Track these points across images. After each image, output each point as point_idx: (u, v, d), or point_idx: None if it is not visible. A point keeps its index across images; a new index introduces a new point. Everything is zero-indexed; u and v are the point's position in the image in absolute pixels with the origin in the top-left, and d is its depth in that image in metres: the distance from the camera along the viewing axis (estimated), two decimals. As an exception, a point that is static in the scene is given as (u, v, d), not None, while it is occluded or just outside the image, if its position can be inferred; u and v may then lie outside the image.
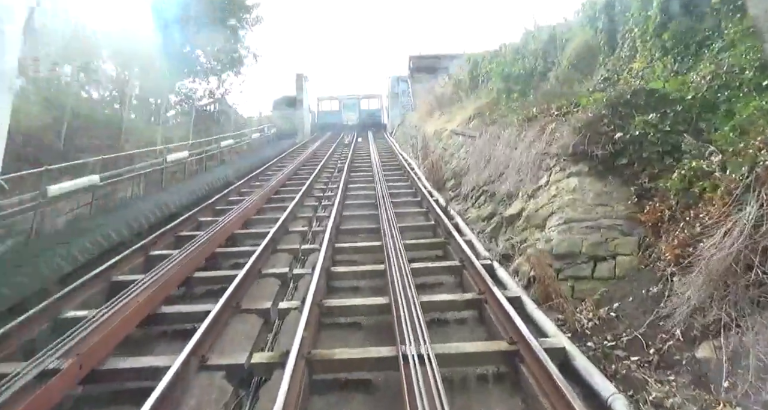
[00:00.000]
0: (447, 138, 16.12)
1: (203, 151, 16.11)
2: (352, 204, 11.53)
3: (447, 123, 18.14)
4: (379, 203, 10.23)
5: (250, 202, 11.10)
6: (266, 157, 20.83)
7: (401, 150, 22.06)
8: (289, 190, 13.58)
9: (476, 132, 12.42)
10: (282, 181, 15.05)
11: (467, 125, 15.42)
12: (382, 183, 13.03)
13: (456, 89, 22.68)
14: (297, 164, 18.34)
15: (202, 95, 30.60)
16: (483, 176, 9.86)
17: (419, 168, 16.65)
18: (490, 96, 15.99)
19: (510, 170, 8.30)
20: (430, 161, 15.36)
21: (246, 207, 10.57)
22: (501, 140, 9.64)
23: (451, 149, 14.81)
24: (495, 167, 9.34)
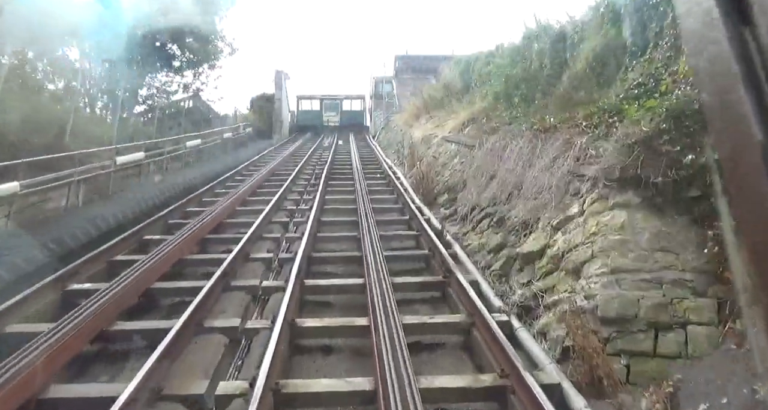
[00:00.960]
0: (437, 145, 14.58)
1: (164, 152, 14.27)
2: (329, 222, 9.89)
3: (437, 128, 16.60)
4: (362, 223, 8.62)
5: (211, 215, 9.40)
6: (238, 160, 19.03)
7: (385, 156, 20.46)
8: (259, 200, 11.90)
9: (473, 141, 10.88)
10: (253, 187, 13.37)
11: (461, 131, 13.89)
12: (365, 195, 11.41)
13: (446, 92, 21.16)
14: (270, 170, 16.61)
15: (176, 89, 28.77)
16: (485, 194, 8.31)
17: (406, 178, 15.06)
18: (486, 101, 14.49)
19: (524, 192, 6.76)
20: (419, 171, 13.77)
21: (204, 223, 8.88)
22: (509, 152, 8.10)
23: (443, 158, 13.27)
24: (501, 186, 7.79)
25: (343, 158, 20.67)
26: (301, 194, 12.76)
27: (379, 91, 35.49)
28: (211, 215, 9.37)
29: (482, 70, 18.36)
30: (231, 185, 13.65)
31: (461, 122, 14.28)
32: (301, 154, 22.02)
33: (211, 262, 7.14)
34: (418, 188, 13.06)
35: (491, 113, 13.63)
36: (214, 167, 15.88)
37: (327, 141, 29.00)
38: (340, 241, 8.61)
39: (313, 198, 11.03)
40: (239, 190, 12.28)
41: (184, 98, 29.95)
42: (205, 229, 8.87)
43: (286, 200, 11.85)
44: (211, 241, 8.70)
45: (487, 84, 17.59)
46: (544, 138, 7.20)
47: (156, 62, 26.53)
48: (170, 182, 12.47)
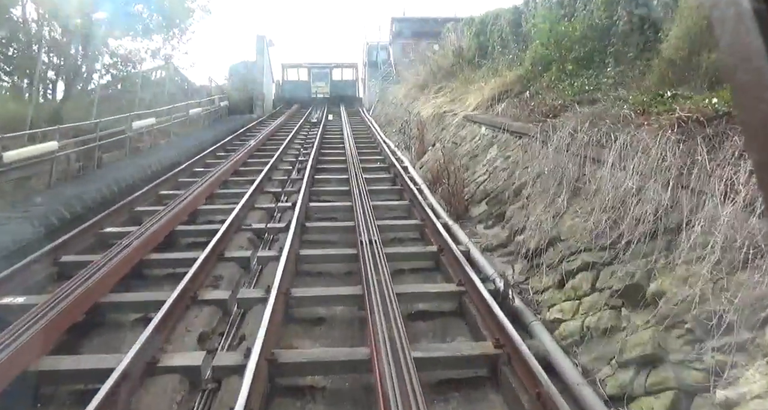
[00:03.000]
0: (458, 127, 11.17)
1: (96, 137, 10.71)
2: (311, 271, 6.55)
3: (452, 104, 13.14)
4: (365, 273, 5.25)
5: (151, 229, 6.15)
6: (205, 142, 15.50)
7: (384, 136, 16.99)
8: (221, 207, 8.59)
9: (524, 126, 7.49)
10: (220, 179, 10.08)
11: (490, 108, 10.49)
12: (365, 201, 8.10)
13: (456, 59, 17.58)
14: (244, 155, 13.14)
15: (143, 57, 24.80)
16: (574, 222, 5.02)
17: (415, 168, 11.70)
18: (521, 67, 11.02)
19: (692, 240, 3.44)
20: (436, 163, 10.40)
21: (146, 238, 5.68)
22: (617, 153, 4.75)
23: (469, 145, 9.88)
24: (613, 212, 4.49)
25: (333, 139, 17.16)
26: (275, 199, 9.39)
27: (373, 59, 31.66)
28: (148, 233, 6.04)
29: (504, 30, 14.84)
30: (193, 179, 10.22)
31: (489, 97, 10.85)
32: (284, 132, 18.45)
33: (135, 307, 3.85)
34: (435, 186, 9.74)
35: (528, 83, 10.27)
36: (167, 155, 12.36)
37: (315, 115, 25.36)
38: (328, 304, 5.26)
39: (290, 216, 7.61)
40: (200, 186, 8.88)
41: (155, 68, 26.12)
42: (145, 250, 5.64)
43: (247, 216, 8.47)
44: (149, 265, 5.47)
45: (511, 47, 14.18)
46: (713, 136, 3.84)
47: (121, 24, 22.67)
48: (98, 180, 8.97)
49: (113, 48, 23.39)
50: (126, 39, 23.62)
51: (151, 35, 24.16)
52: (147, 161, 11.32)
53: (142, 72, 25.28)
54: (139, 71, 25.03)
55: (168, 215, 7.35)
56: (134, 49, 24.21)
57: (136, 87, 24.19)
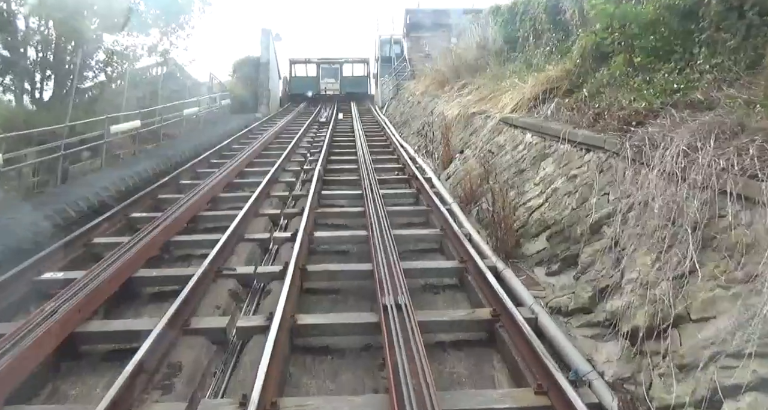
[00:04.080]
0: (492, 132, 9.33)
1: (61, 146, 8.97)
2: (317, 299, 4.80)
3: (482, 103, 11.29)
4: (395, 374, 3.45)
5: (104, 276, 4.49)
6: (199, 146, 13.77)
7: (401, 138, 15.17)
8: (201, 239, 6.88)
9: (597, 137, 5.64)
10: (209, 195, 8.40)
11: (533, 110, 8.66)
12: (384, 230, 6.33)
13: (481, 52, 15.73)
14: (241, 163, 11.41)
15: (141, 54, 23.01)
16: (735, 299, 3.20)
17: (440, 179, 9.92)
18: (569, 61, 9.15)
19: None
20: (467, 176, 8.61)
21: (92, 293, 4.08)
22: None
23: (510, 154, 8.05)
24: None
25: (344, 142, 15.35)
26: (272, 225, 7.64)
27: (386, 54, 29.77)
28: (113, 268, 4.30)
29: (539, 18, 12.96)
30: (163, 202, 8.51)
31: (531, 96, 9.00)
32: (289, 135, 16.66)
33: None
34: (469, 205, 7.97)
35: (579, 79, 8.47)
36: (150, 165, 10.61)
37: (324, 114, 23.54)
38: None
39: (289, 255, 5.79)
40: (161, 222, 7.13)
41: (154, 64, 24.42)
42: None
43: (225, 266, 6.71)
44: (114, 311, 3.65)
45: (548, 37, 12.33)
46: None
47: (115, 18, 20.97)
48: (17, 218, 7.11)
49: (109, 44, 21.73)
50: (121, 34, 21.99)
51: (148, 30, 22.47)
52: (123, 172, 9.61)
53: (140, 69, 23.62)
54: (138, 68, 23.38)
55: (132, 252, 5.63)
56: (130, 45, 22.54)
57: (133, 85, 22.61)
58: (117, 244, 5.92)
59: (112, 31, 21.54)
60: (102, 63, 21.90)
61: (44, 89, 19.69)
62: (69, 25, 18.94)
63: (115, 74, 22.65)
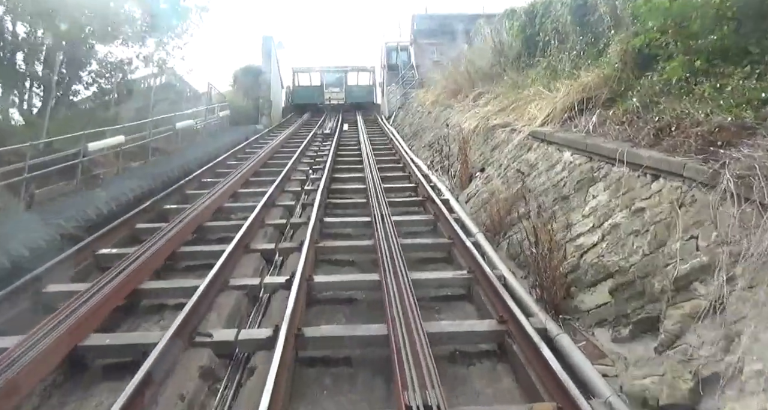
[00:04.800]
0: (520, 148, 8.12)
1: (25, 168, 7.80)
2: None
3: (503, 114, 10.08)
4: None
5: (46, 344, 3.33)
6: (191, 162, 12.61)
7: (411, 152, 13.98)
8: (175, 286, 5.70)
9: (685, 164, 4.38)
10: (195, 223, 7.24)
11: (568, 123, 7.45)
12: (400, 273, 5.19)
13: (497, 58, 14.57)
14: (235, 182, 10.25)
15: (136, 65, 21.91)
16: None
17: (458, 201, 8.72)
18: (608, 66, 7.93)
19: None
20: (493, 197, 7.41)
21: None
22: None
23: (545, 176, 6.82)
24: None
25: (349, 157, 14.17)
26: (264, 261, 6.42)
27: (393, 61, 28.67)
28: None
29: (562, 20, 11.77)
30: (142, 233, 7.36)
31: (565, 106, 7.81)
32: (287, 151, 15.45)
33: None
34: (497, 236, 6.77)
35: (627, 87, 7.30)
36: (132, 187, 9.44)
37: (329, 125, 22.39)
38: None
39: (283, 309, 4.59)
40: (132, 263, 5.95)
41: (151, 74, 23.37)
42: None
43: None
44: None
45: (574, 40, 11.16)
46: None
47: (109, 26, 19.97)
48: None
49: (103, 55, 20.67)
50: (115, 43, 20.96)
51: (144, 39, 21.42)
52: (99, 196, 8.44)
53: (136, 79, 22.57)
54: (135, 79, 22.31)
55: (94, 300, 4.49)
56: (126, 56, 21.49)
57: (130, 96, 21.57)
58: (75, 294, 4.75)
59: (105, 41, 20.58)
60: (95, 74, 20.91)
61: (33, 102, 18.69)
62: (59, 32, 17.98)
63: (110, 86, 21.65)
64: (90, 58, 20.19)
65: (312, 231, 6.68)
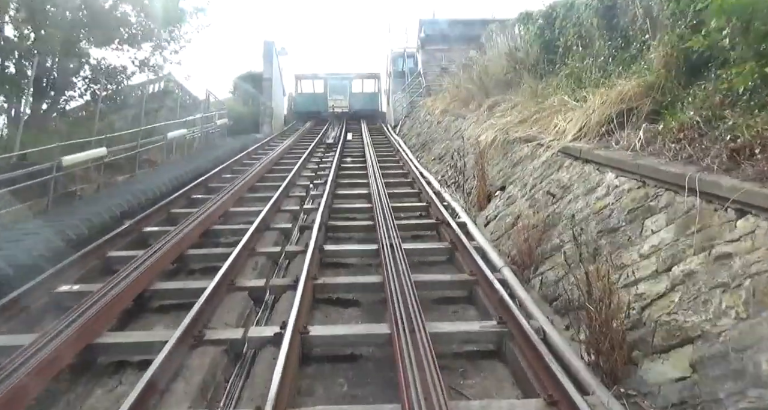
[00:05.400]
0: (549, 165, 7.11)
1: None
2: None
3: (525, 126, 9.08)
4: None
5: None
6: (183, 175, 11.67)
7: (420, 165, 13.00)
8: (140, 341, 4.71)
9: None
10: (178, 248, 6.30)
11: (606, 138, 6.47)
12: (416, 322, 4.21)
13: (511, 65, 13.60)
14: (229, 199, 9.28)
15: (132, 71, 20.98)
16: None
17: (476, 224, 7.71)
18: (652, 74, 6.94)
19: None
20: (518, 222, 6.41)
21: None
22: None
23: (582, 201, 5.81)
24: None
25: (354, 169, 13.20)
26: (251, 302, 5.39)
27: (399, 68, 27.79)
28: None
29: (587, 23, 10.80)
30: (116, 262, 6.38)
31: (601, 119, 6.81)
32: (287, 163, 14.46)
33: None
34: (527, 270, 5.76)
35: (675, 97, 6.34)
36: (113, 205, 8.47)
37: (332, 134, 21.45)
38: None
39: (270, 373, 3.60)
40: (88, 310, 4.97)
41: (148, 81, 22.48)
42: None
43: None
44: None
45: (600, 45, 10.22)
46: None
47: (103, 30, 19.12)
48: None
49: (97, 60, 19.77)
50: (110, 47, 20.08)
51: (140, 43, 20.53)
52: (70, 219, 7.46)
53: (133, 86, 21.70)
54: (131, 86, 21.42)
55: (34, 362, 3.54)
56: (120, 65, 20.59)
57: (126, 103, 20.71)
58: (14, 348, 3.77)
59: (99, 45, 19.73)
60: (89, 80, 20.03)
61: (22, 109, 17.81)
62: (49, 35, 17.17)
63: (105, 93, 20.79)
64: (83, 63, 19.38)
65: (310, 263, 5.70)
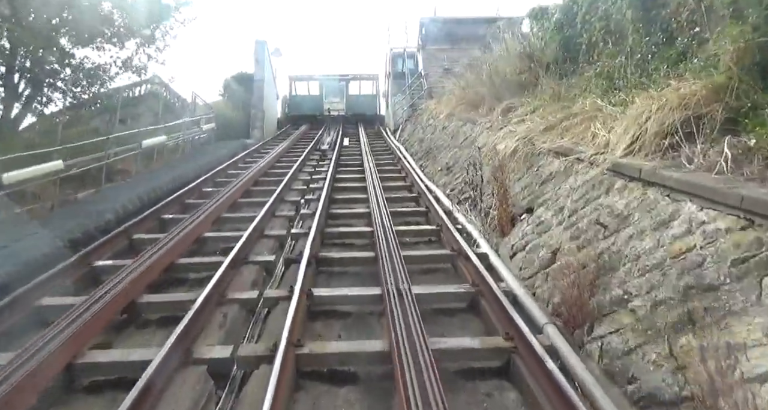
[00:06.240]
0: (592, 186, 5.73)
1: None
2: None
3: (553, 134, 7.68)
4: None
5: None
6: (157, 189, 10.27)
7: (424, 176, 11.63)
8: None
9: None
10: (135, 289, 4.88)
11: (670, 153, 5.09)
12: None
13: (525, 65, 12.23)
14: (205, 219, 7.89)
15: (115, 72, 19.53)
16: None
17: (499, 255, 6.33)
18: (721, 74, 5.59)
19: None
20: (561, 258, 5.00)
21: None
22: None
23: (649, 239, 4.44)
24: None
25: (351, 181, 11.80)
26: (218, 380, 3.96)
27: (399, 69, 26.42)
28: None
29: (617, 15, 9.48)
30: (48, 311, 5.00)
31: (661, 129, 5.43)
32: (276, 174, 13.02)
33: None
34: (574, 326, 4.36)
35: (756, 102, 4.96)
36: (64, 230, 7.04)
37: (327, 140, 20.04)
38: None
39: None
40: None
41: (132, 83, 21.08)
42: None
43: None
44: None
45: (633, 40, 8.93)
46: None
47: (84, 28, 17.75)
48: None
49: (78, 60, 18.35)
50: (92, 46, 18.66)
51: (123, 41, 19.10)
52: (5, 250, 6.04)
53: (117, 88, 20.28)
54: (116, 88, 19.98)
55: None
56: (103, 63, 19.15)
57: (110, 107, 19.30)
58: None
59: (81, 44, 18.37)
60: (69, 82, 18.65)
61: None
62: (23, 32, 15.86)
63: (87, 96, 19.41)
64: (63, 63, 18.03)
65: (293, 320, 4.31)
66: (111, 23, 18.75)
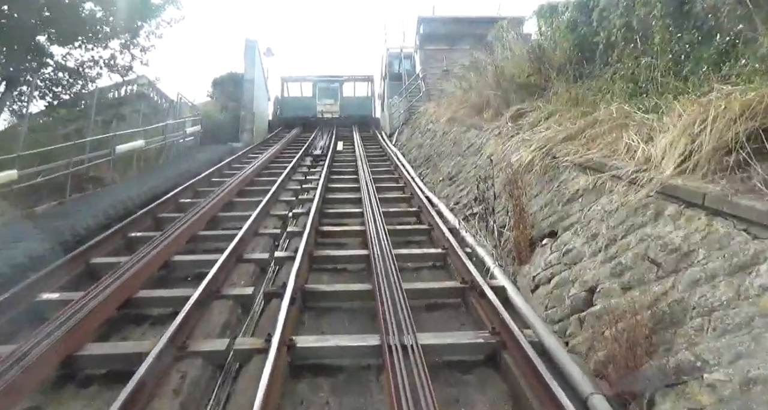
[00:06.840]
0: (636, 212, 4.75)
1: None
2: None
3: (575, 144, 6.69)
4: None
5: None
6: (132, 199, 9.23)
7: (424, 187, 10.65)
8: None
9: None
10: (67, 351, 3.86)
11: (734, 172, 4.09)
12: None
13: (535, 67, 11.28)
14: (174, 241, 6.89)
15: (98, 72, 18.41)
16: None
17: (518, 287, 5.34)
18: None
19: None
20: (609, 321, 3.98)
21: None
22: None
23: (725, 284, 3.47)
24: None
25: (344, 194, 10.79)
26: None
27: (395, 70, 25.44)
28: None
29: (645, 10, 8.52)
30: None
31: (721, 143, 4.45)
32: (263, 184, 11.96)
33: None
34: (624, 399, 3.32)
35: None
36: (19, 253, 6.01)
37: (320, 144, 19.01)
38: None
39: None
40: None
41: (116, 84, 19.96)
42: None
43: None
44: None
45: (661, 38, 8.03)
46: None
47: (66, 27, 16.64)
48: None
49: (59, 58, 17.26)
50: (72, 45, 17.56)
51: (107, 41, 18.00)
52: None
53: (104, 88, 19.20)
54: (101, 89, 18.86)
55: None
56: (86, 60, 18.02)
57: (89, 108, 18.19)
58: None
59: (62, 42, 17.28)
60: (49, 81, 17.56)
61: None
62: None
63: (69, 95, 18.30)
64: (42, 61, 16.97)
65: (267, 390, 3.31)
66: (93, 22, 17.68)
